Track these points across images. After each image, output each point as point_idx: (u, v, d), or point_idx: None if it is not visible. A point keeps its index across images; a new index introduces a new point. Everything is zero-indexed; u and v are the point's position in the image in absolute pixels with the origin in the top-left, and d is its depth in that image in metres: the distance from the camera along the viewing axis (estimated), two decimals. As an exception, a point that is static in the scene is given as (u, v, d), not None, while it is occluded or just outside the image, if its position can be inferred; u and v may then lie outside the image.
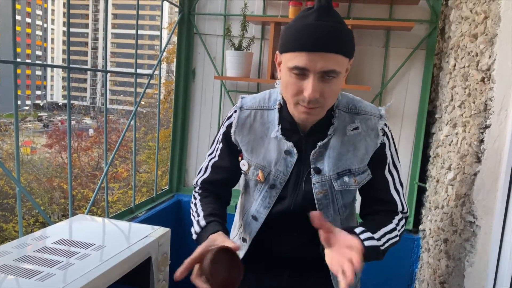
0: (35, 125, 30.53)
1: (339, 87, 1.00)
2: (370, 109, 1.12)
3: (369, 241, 0.98)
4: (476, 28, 1.42)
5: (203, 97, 2.39)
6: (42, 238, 1.16)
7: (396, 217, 1.12)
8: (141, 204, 2.10)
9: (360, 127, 1.09)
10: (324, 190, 1.09)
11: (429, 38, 2.03)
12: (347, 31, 0.96)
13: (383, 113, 1.12)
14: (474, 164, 1.32)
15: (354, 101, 1.13)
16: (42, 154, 17.18)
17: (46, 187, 12.84)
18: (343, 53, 0.94)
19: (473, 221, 1.30)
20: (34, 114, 37.23)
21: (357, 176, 1.09)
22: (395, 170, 1.15)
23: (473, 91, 1.41)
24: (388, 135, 1.13)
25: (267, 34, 2.22)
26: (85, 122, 26.93)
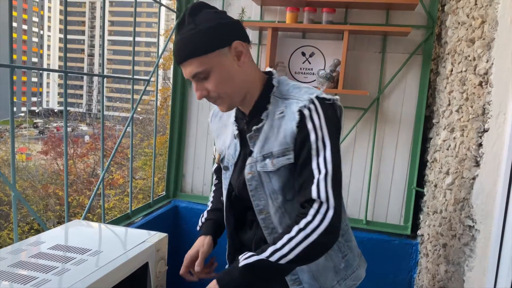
0: (31, 132, 30.39)
1: (221, 78, 1.05)
2: (300, 95, 1.08)
3: (250, 259, 0.97)
4: (473, 33, 1.43)
5: (201, 102, 2.38)
6: (37, 244, 1.15)
7: (302, 221, 0.99)
8: (138, 210, 2.09)
9: (285, 111, 1.08)
10: (252, 171, 1.12)
11: (425, 44, 2.04)
12: (193, 34, 1.02)
13: (312, 98, 1.05)
14: (472, 168, 1.32)
15: (292, 88, 1.12)
16: (37, 161, 17.08)
17: (41, 194, 12.75)
18: (195, 55, 1.03)
19: (472, 225, 1.29)
20: (30, 121, 37.07)
21: (275, 158, 1.08)
22: (323, 162, 1.02)
23: (470, 95, 1.41)
24: (312, 119, 1.04)
25: (264, 39, 2.22)
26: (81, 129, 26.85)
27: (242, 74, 1.08)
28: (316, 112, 1.05)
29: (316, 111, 1.05)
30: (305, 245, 0.97)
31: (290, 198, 1.11)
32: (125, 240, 1.25)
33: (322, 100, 1.06)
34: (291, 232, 0.98)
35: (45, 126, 32.93)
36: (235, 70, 1.07)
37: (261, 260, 0.97)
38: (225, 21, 1.06)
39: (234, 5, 2.27)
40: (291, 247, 0.97)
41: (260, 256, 0.97)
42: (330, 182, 1.00)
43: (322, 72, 2.03)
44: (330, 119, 1.06)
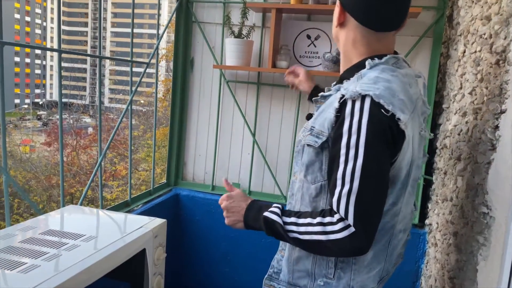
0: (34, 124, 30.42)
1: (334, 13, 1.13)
2: (361, 85, 1.00)
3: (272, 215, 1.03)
4: (489, 9, 1.35)
5: (202, 88, 2.32)
6: (30, 229, 1.09)
7: (327, 217, 0.97)
8: (138, 198, 2.03)
9: (338, 93, 1.05)
10: (302, 136, 1.12)
11: (436, 26, 1.95)
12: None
13: (364, 94, 0.96)
14: (487, 152, 1.25)
15: (372, 77, 1.03)
16: (41, 153, 17.11)
17: (44, 185, 12.76)
18: None
19: (487, 212, 1.22)
20: (33, 113, 37.10)
21: (309, 135, 1.07)
22: (349, 174, 0.94)
23: (486, 75, 1.33)
24: (352, 117, 0.96)
25: (268, 21, 2.14)
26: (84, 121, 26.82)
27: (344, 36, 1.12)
28: (360, 111, 0.95)
29: (361, 110, 0.95)
30: (315, 238, 0.96)
31: (308, 180, 1.09)
32: (121, 226, 1.20)
33: (377, 106, 0.94)
34: (314, 219, 0.98)
35: (49, 118, 32.95)
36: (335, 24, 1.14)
37: (278, 223, 1.01)
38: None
39: (236, -14, 2.19)
40: (305, 230, 0.98)
41: (280, 219, 1.02)
42: (353, 200, 0.92)
43: (328, 55, 1.96)
44: (378, 130, 0.94)
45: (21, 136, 19.99)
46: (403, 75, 1.08)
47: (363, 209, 0.93)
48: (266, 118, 2.24)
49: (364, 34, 1.08)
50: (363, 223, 0.93)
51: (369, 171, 0.94)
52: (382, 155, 0.96)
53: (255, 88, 2.22)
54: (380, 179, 0.97)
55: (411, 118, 1.02)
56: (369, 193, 0.94)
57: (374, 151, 0.94)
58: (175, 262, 2.29)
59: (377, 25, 1.06)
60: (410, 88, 1.10)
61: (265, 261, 1.73)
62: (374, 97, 0.95)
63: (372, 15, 1.05)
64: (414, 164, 1.11)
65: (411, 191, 1.15)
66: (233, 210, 1.13)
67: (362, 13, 1.05)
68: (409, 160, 1.06)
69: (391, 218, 1.09)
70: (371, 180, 0.94)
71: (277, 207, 1.06)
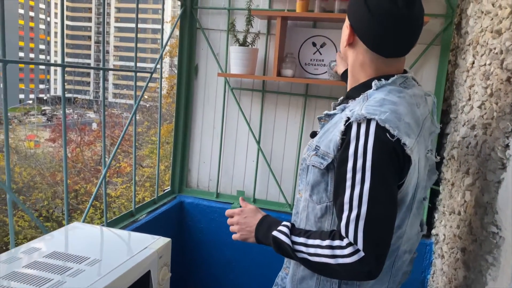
0: (39, 119, 30.54)
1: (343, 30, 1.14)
2: (366, 107, 0.97)
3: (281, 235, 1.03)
4: (500, 24, 1.32)
5: (206, 95, 2.30)
6: (34, 251, 1.09)
7: (337, 240, 0.95)
8: (142, 207, 2.02)
9: (344, 114, 1.04)
10: (306, 154, 1.11)
11: (444, 33, 1.92)
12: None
13: (369, 118, 0.94)
14: (498, 170, 1.22)
15: (378, 99, 1.01)
16: (45, 148, 17.19)
17: (49, 181, 12.82)
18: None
19: (496, 231, 1.21)
20: (38, 108, 37.24)
21: (314, 155, 1.06)
22: (357, 198, 0.93)
23: (496, 91, 1.31)
24: (358, 141, 0.94)
25: (273, 29, 2.11)
26: (88, 116, 26.91)
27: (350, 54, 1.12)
28: (365, 134, 0.94)
29: (366, 134, 0.94)
30: (324, 261, 0.95)
31: (314, 200, 1.08)
32: (125, 247, 1.19)
33: (383, 130, 0.93)
34: (324, 241, 0.97)
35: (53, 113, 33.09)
36: (344, 41, 1.13)
37: (286, 243, 1.01)
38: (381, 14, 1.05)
39: (241, -8, 2.16)
40: (314, 252, 0.97)
41: (288, 239, 1.01)
42: (362, 225, 0.91)
43: (333, 63, 1.93)
44: (384, 154, 0.93)
45: (25, 132, 20.09)
46: (411, 96, 1.06)
47: (372, 234, 0.92)
48: (271, 126, 2.22)
49: (373, 59, 1.06)
50: (373, 248, 0.92)
51: (377, 195, 0.92)
52: (389, 178, 0.95)
53: (260, 96, 2.20)
54: (388, 202, 0.95)
55: (417, 142, 1.01)
56: (378, 217, 0.93)
57: (381, 174, 0.93)
58: (180, 271, 2.29)
59: (386, 52, 1.04)
60: (418, 109, 1.08)
61: (270, 269, 1.72)
62: (380, 121, 0.93)
63: (382, 43, 1.03)
64: (420, 186, 1.09)
65: (416, 213, 1.13)
66: (244, 225, 1.14)
67: (372, 39, 1.03)
68: (415, 184, 1.05)
69: (396, 241, 1.08)
70: (379, 204, 0.93)
71: (286, 226, 1.05)
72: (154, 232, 1.98)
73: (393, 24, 0.99)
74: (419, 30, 1.04)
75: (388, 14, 0.98)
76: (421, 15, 1.03)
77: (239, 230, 1.15)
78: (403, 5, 0.97)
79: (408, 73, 1.12)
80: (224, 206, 2.25)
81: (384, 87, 1.04)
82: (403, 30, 1.00)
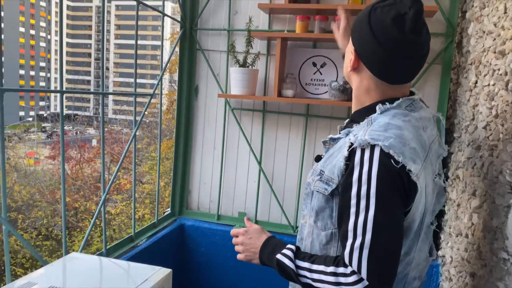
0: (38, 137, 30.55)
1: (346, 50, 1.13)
2: (370, 132, 0.95)
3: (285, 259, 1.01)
4: (503, 45, 1.30)
5: (207, 115, 2.28)
6: (31, 285, 1.05)
7: (341, 267, 0.92)
8: (142, 231, 1.99)
9: (348, 138, 1.02)
10: (311, 178, 1.09)
11: (445, 52, 1.91)
12: (373, 19, 0.99)
13: (373, 144, 0.92)
14: (507, 194, 1.19)
15: (383, 121, 0.98)
16: (45, 166, 17.15)
17: (48, 199, 12.75)
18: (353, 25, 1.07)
19: (507, 258, 1.17)
20: (38, 125, 37.29)
21: (318, 180, 1.05)
22: (361, 226, 0.90)
23: (502, 113, 1.29)
24: (362, 167, 0.92)
25: (273, 49, 2.11)
26: (88, 133, 26.92)
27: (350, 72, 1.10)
28: (369, 161, 0.91)
29: (370, 160, 0.91)
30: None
31: (319, 226, 1.06)
32: (126, 280, 1.15)
33: (387, 157, 0.91)
34: (328, 267, 0.95)
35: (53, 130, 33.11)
36: (348, 63, 1.10)
37: (290, 268, 0.99)
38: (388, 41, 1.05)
39: (241, 13, 2.16)
40: (318, 278, 0.95)
41: (292, 263, 0.99)
42: (366, 254, 0.88)
43: (334, 84, 1.92)
44: (388, 181, 0.90)
45: (25, 149, 20.07)
46: (417, 119, 1.03)
47: (376, 263, 0.89)
48: (272, 146, 2.20)
49: (378, 84, 1.03)
50: (377, 277, 0.89)
51: (381, 222, 0.90)
52: (394, 205, 0.92)
53: (260, 116, 2.18)
54: (393, 230, 0.92)
55: (424, 167, 0.98)
56: (383, 245, 0.90)
57: (386, 201, 0.90)
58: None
59: (392, 79, 1.02)
60: (425, 132, 1.05)
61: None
62: (384, 147, 0.91)
63: (388, 70, 1.01)
64: (428, 211, 1.06)
65: (425, 238, 1.10)
66: (249, 246, 1.12)
67: (378, 66, 1.01)
68: (422, 210, 1.02)
69: (404, 268, 1.05)
70: (384, 232, 0.90)
71: (291, 250, 1.03)
72: (154, 258, 1.94)
73: (400, 51, 0.96)
74: (425, 57, 1.02)
75: (394, 41, 0.96)
76: (428, 42, 1.00)
77: (243, 251, 1.13)
78: (410, 32, 0.95)
79: (415, 95, 1.10)
80: (225, 228, 2.21)
81: (389, 110, 1.02)
82: (410, 57, 0.98)
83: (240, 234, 1.15)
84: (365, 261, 0.88)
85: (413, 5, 0.95)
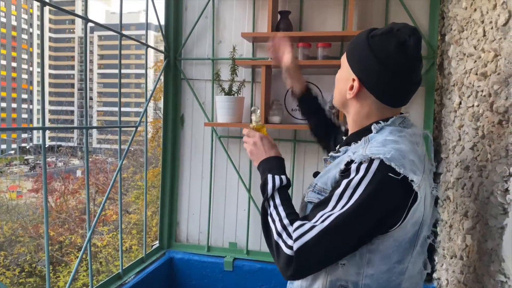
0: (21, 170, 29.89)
1: (339, 76, 1.15)
2: (370, 149, 0.97)
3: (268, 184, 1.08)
4: (485, 67, 1.33)
5: (193, 144, 2.25)
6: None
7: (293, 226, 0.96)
8: (130, 267, 1.91)
9: (346, 155, 1.04)
10: (307, 191, 1.11)
11: (428, 74, 1.94)
12: (369, 44, 1.02)
13: (373, 157, 0.93)
14: (499, 216, 1.19)
15: (380, 140, 1.01)
16: (28, 199, 16.72)
17: (32, 234, 12.35)
18: (347, 52, 1.10)
19: (505, 280, 1.15)
20: (20, 158, 36.57)
21: (311, 191, 1.08)
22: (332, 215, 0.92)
23: (488, 133, 1.29)
24: (357, 174, 0.93)
25: (258, 77, 2.11)
26: (72, 163, 26.45)
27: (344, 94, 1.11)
28: (364, 172, 0.93)
29: (365, 172, 0.93)
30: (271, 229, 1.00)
31: None
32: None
33: (386, 168, 0.92)
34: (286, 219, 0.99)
35: (36, 163, 32.47)
36: (344, 89, 1.11)
37: (268, 191, 1.07)
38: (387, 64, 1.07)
39: (224, 42, 2.17)
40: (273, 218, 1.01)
41: (272, 190, 1.07)
42: (309, 236, 0.92)
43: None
44: (378, 190, 0.92)
45: (7, 183, 19.57)
46: (411, 135, 1.07)
47: (311, 247, 0.92)
48: (261, 173, 2.17)
49: (379, 108, 1.07)
50: (302, 257, 0.92)
51: (343, 226, 0.92)
52: (365, 218, 0.94)
53: (248, 143, 2.16)
54: (347, 239, 0.95)
55: (423, 179, 0.99)
56: (327, 242, 0.92)
57: (363, 211, 0.92)
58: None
59: (395, 103, 1.07)
60: (418, 147, 1.08)
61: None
62: (385, 160, 0.92)
63: (393, 95, 1.05)
64: (425, 224, 1.07)
65: (420, 250, 1.10)
66: (257, 150, 1.20)
67: (383, 92, 1.04)
68: (418, 220, 1.02)
69: (397, 277, 1.05)
70: (340, 234, 0.93)
71: (281, 180, 1.09)
72: (143, 295, 1.87)
73: (406, 76, 1.02)
74: (421, 81, 1.09)
75: (402, 66, 1.00)
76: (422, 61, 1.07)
77: (251, 151, 1.22)
78: (414, 58, 1.00)
79: (405, 114, 1.14)
80: (216, 260, 2.15)
81: (384, 128, 1.05)
82: (413, 81, 1.04)
83: (257, 138, 1.22)
84: (306, 238, 0.92)
85: (413, 34, 1.00)
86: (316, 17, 2.04)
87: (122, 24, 1.81)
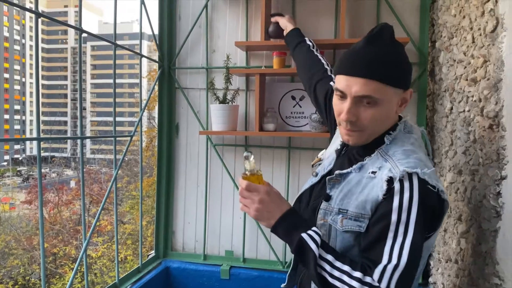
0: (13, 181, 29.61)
1: (380, 114, 1.02)
2: (401, 162, 0.99)
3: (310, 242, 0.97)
4: (475, 72, 1.35)
5: (188, 153, 2.26)
6: None
7: (367, 276, 0.93)
8: (126, 277, 1.90)
9: (377, 173, 1.02)
10: (325, 219, 1.07)
11: (419, 80, 1.97)
12: (393, 60, 1.01)
13: (410, 172, 0.96)
14: (493, 219, 1.20)
15: (400, 151, 1.03)
16: (21, 211, 16.55)
17: (25, 246, 12.21)
18: (382, 80, 0.98)
19: (499, 283, 1.16)
20: (13, 169, 36.26)
21: (346, 219, 1.03)
22: (397, 250, 0.94)
23: (479, 138, 1.32)
24: (402, 197, 0.95)
25: (252, 85, 2.13)
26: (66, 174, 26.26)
27: (391, 121, 1.08)
28: (409, 191, 0.95)
29: (410, 191, 0.95)
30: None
31: None
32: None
33: (422, 183, 0.96)
34: (354, 271, 0.94)
35: (29, 174, 32.21)
36: (392, 114, 1.06)
37: (313, 253, 0.96)
38: (410, 63, 1.10)
39: (218, 51, 2.19)
40: (338, 277, 0.94)
41: (317, 250, 0.96)
42: (397, 276, 0.91)
43: (314, 116, 1.94)
44: (424, 206, 0.96)
45: (0, 195, 19.38)
46: (417, 139, 1.11)
47: (402, 284, 0.93)
48: (256, 180, 2.18)
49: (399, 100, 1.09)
50: None
51: (416, 249, 0.94)
52: (424, 231, 0.98)
53: (243, 151, 2.17)
54: (420, 254, 0.98)
55: None
56: (412, 270, 0.95)
57: (421, 229, 0.96)
58: None
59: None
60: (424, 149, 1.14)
61: None
62: (420, 174, 0.96)
63: (409, 79, 1.10)
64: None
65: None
66: (267, 208, 1.02)
67: (404, 81, 1.07)
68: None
69: (414, 284, 1.06)
70: (416, 258, 0.95)
71: (318, 234, 0.99)
72: (140, 306, 1.85)
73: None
74: None
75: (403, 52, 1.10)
76: None
77: (256, 210, 1.02)
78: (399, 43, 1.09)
79: (404, 118, 1.16)
80: (212, 268, 2.15)
81: (396, 138, 1.08)
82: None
83: (262, 194, 1.03)
84: (395, 281, 0.92)
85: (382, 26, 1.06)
86: (309, 25, 2.06)
87: (116, 34, 1.82)
